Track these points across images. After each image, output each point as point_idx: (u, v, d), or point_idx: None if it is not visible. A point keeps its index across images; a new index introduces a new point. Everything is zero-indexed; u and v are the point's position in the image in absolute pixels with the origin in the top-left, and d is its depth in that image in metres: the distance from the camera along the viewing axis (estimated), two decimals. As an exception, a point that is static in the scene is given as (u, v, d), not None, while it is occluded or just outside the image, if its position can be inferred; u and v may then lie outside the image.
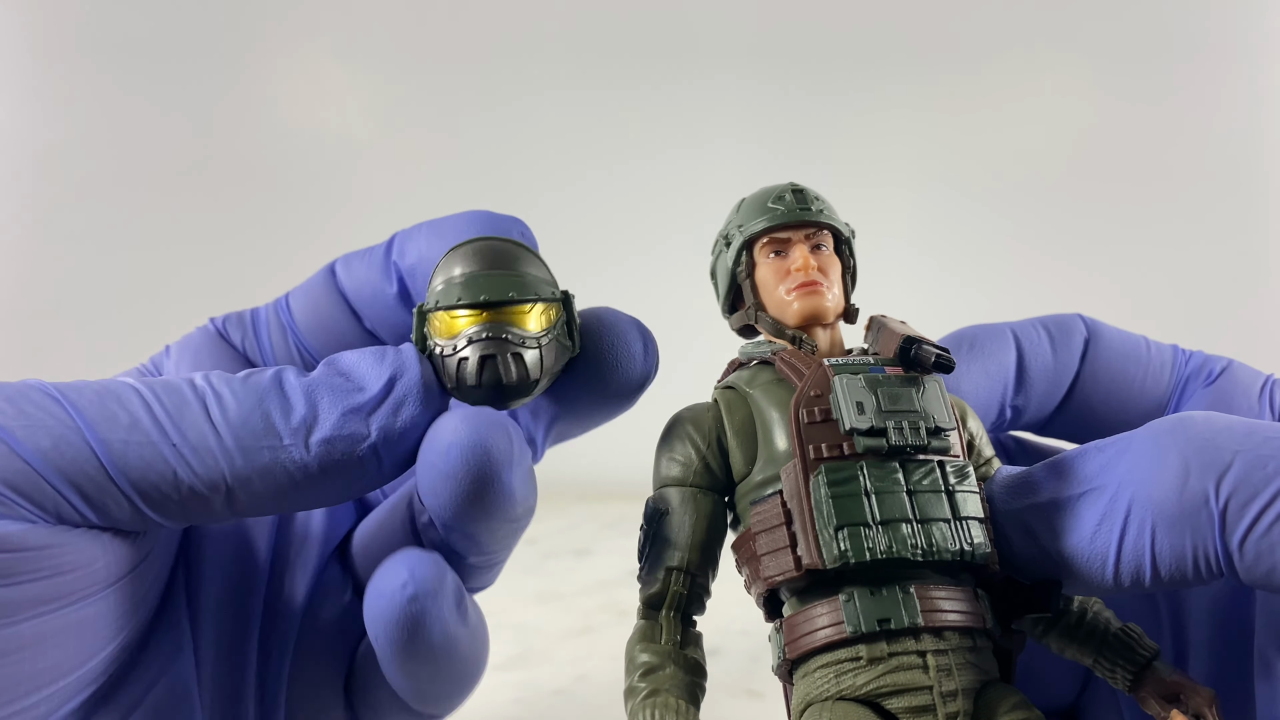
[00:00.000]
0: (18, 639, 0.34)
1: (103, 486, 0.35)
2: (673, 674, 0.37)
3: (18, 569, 0.33)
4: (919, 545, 0.35)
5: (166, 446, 0.35)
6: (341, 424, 0.37)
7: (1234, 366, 0.47)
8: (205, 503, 0.36)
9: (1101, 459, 0.36)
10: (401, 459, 0.39)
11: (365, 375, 0.39)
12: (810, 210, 0.43)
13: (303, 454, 0.37)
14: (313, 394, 0.38)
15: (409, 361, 0.39)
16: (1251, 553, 0.32)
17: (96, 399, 0.36)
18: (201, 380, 0.37)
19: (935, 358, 0.38)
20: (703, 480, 0.40)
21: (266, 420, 0.37)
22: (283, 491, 0.37)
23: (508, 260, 0.41)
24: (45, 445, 0.34)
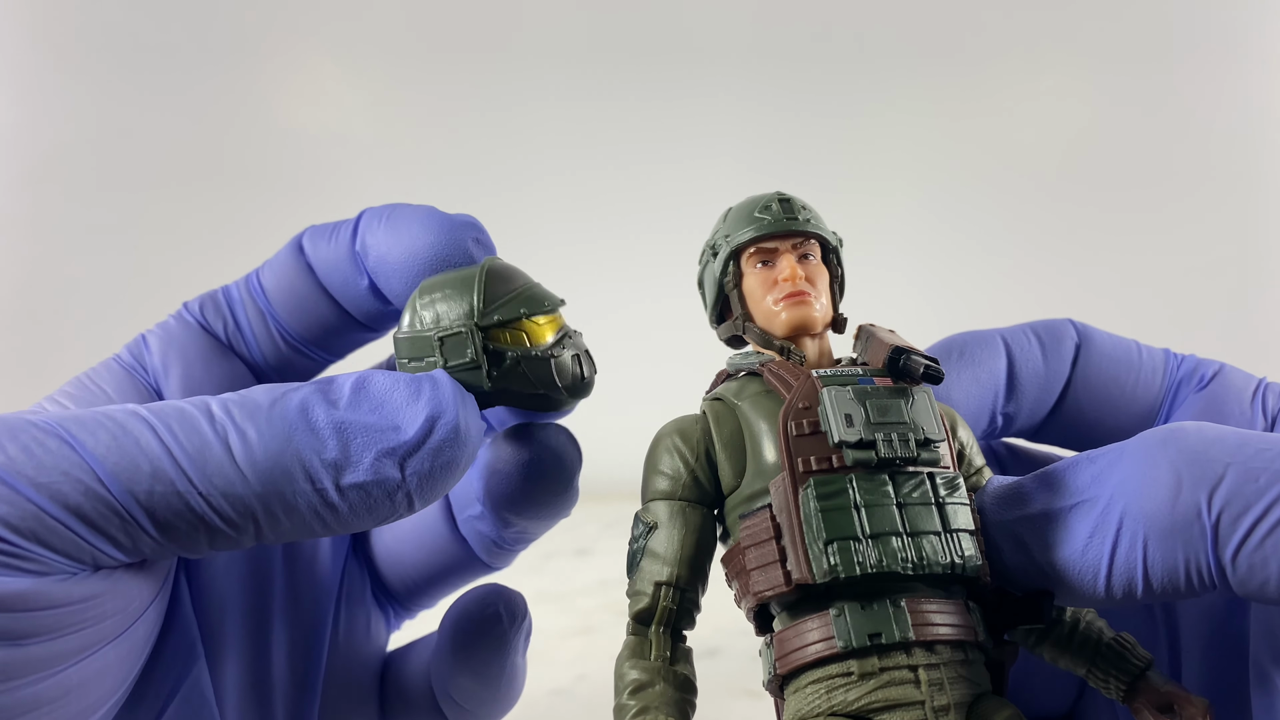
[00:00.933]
0: (64, 684, 0.34)
1: (133, 535, 0.34)
2: (662, 691, 0.37)
3: (64, 623, 0.33)
4: (909, 559, 0.35)
5: (194, 498, 0.34)
6: (375, 469, 0.36)
7: (1226, 370, 0.46)
8: (233, 541, 0.36)
9: (1093, 470, 0.36)
10: (433, 498, 0.38)
11: (400, 413, 0.37)
12: (797, 220, 0.43)
13: (335, 497, 0.36)
14: (344, 434, 0.36)
15: (447, 402, 0.37)
16: (1244, 566, 0.32)
17: (114, 445, 0.34)
18: (220, 412, 0.36)
19: (924, 368, 0.38)
20: (691, 494, 0.40)
21: (296, 460, 0.35)
22: (310, 529, 0.37)
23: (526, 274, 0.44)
24: (74, 501, 0.33)
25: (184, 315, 0.48)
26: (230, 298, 0.48)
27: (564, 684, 0.94)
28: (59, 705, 0.34)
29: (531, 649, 0.51)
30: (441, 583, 0.52)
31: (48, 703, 0.34)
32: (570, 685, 0.94)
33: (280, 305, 0.47)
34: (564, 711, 0.91)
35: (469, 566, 0.51)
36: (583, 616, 1.10)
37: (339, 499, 0.36)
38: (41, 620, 0.33)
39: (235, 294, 0.48)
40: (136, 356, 0.46)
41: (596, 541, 1.31)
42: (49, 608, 0.33)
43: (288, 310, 0.47)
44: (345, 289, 0.47)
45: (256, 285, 0.48)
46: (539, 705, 0.91)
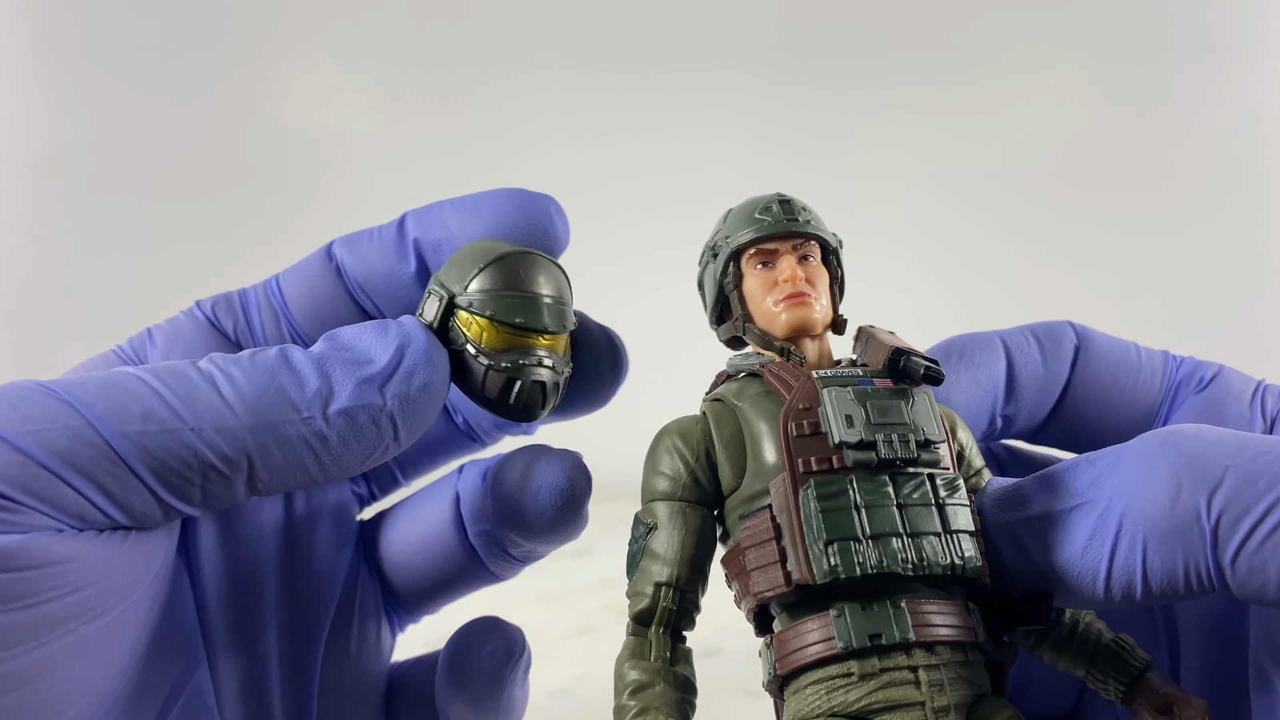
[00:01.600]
0: (49, 661, 0.33)
1: (124, 480, 0.34)
2: (662, 691, 0.37)
3: (45, 586, 0.33)
4: (909, 559, 0.35)
5: (185, 432, 0.35)
6: (357, 394, 0.38)
7: (1225, 372, 0.46)
8: (228, 483, 0.36)
9: (1093, 472, 0.36)
10: (416, 427, 0.40)
11: (371, 348, 0.39)
12: (797, 221, 0.43)
13: (322, 425, 0.37)
14: (324, 367, 0.38)
15: (414, 332, 0.40)
16: (1244, 568, 0.32)
17: (103, 393, 0.35)
18: (205, 364, 0.37)
19: (924, 369, 0.38)
20: (691, 494, 0.40)
21: (282, 395, 0.37)
22: (303, 464, 0.37)
23: (556, 283, 0.43)
24: (61, 446, 0.33)
25: (194, 312, 0.48)
26: (245, 299, 0.48)
27: (564, 684, 0.94)
28: (41, 685, 0.33)
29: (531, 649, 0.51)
30: (448, 590, 0.52)
31: (31, 680, 0.33)
32: (570, 685, 0.94)
33: (297, 308, 0.48)
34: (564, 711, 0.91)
35: (476, 575, 0.51)
36: (583, 616, 1.09)
37: (326, 427, 0.37)
38: (24, 582, 0.32)
39: (251, 296, 0.48)
40: (137, 349, 0.46)
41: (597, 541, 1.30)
42: (31, 567, 0.32)
43: (304, 313, 0.48)
44: (388, 281, 0.47)
45: (275, 288, 0.49)
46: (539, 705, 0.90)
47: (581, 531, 0.47)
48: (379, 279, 0.47)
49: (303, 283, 0.48)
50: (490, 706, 0.48)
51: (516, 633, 0.49)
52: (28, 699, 0.33)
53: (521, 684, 0.49)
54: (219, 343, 0.47)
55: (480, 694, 0.47)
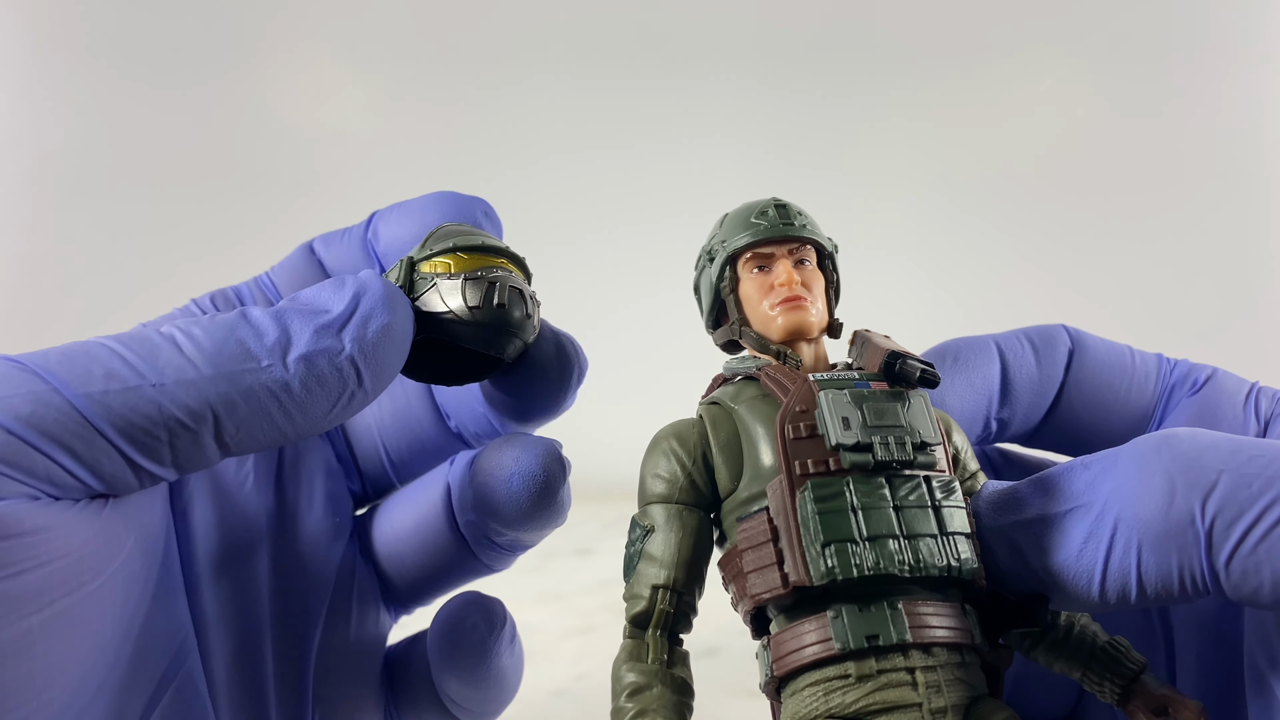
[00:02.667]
0: (28, 636, 0.33)
1: (90, 441, 0.34)
2: (660, 694, 0.37)
3: (19, 556, 0.33)
4: (906, 561, 0.35)
5: (147, 387, 0.35)
6: (315, 340, 0.38)
7: (1219, 375, 0.46)
8: (194, 438, 0.36)
9: (1087, 476, 0.36)
10: (380, 371, 0.40)
11: (328, 299, 0.40)
12: (793, 225, 0.43)
13: (283, 372, 0.37)
14: (282, 318, 0.38)
15: (369, 280, 0.40)
16: (1238, 571, 0.32)
17: (65, 359, 0.35)
18: (166, 327, 0.38)
19: (920, 373, 0.38)
20: (688, 497, 0.40)
21: (241, 346, 0.37)
22: (269, 415, 0.38)
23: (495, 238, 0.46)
24: (25, 411, 0.33)
25: (191, 308, 0.48)
26: (240, 295, 0.49)
27: (564, 684, 0.94)
28: (22, 661, 0.33)
29: (531, 649, 0.52)
30: (442, 582, 0.52)
31: (12, 655, 0.33)
32: (570, 685, 0.94)
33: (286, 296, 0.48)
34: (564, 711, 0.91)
35: (469, 567, 0.51)
36: (583, 616, 1.10)
37: (287, 374, 0.37)
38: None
39: (246, 292, 0.49)
40: None
41: (596, 541, 1.31)
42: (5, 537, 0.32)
43: None
44: None
45: (268, 283, 0.49)
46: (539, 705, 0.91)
47: (562, 519, 0.48)
48: None
49: (293, 277, 0.49)
50: (481, 678, 0.49)
51: (496, 604, 0.50)
52: (7, 675, 0.33)
53: (509, 653, 0.50)
54: None
55: (469, 667, 0.48)
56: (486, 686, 0.49)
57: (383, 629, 0.53)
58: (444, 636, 0.49)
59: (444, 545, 0.50)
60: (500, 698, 0.51)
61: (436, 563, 0.51)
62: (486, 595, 0.50)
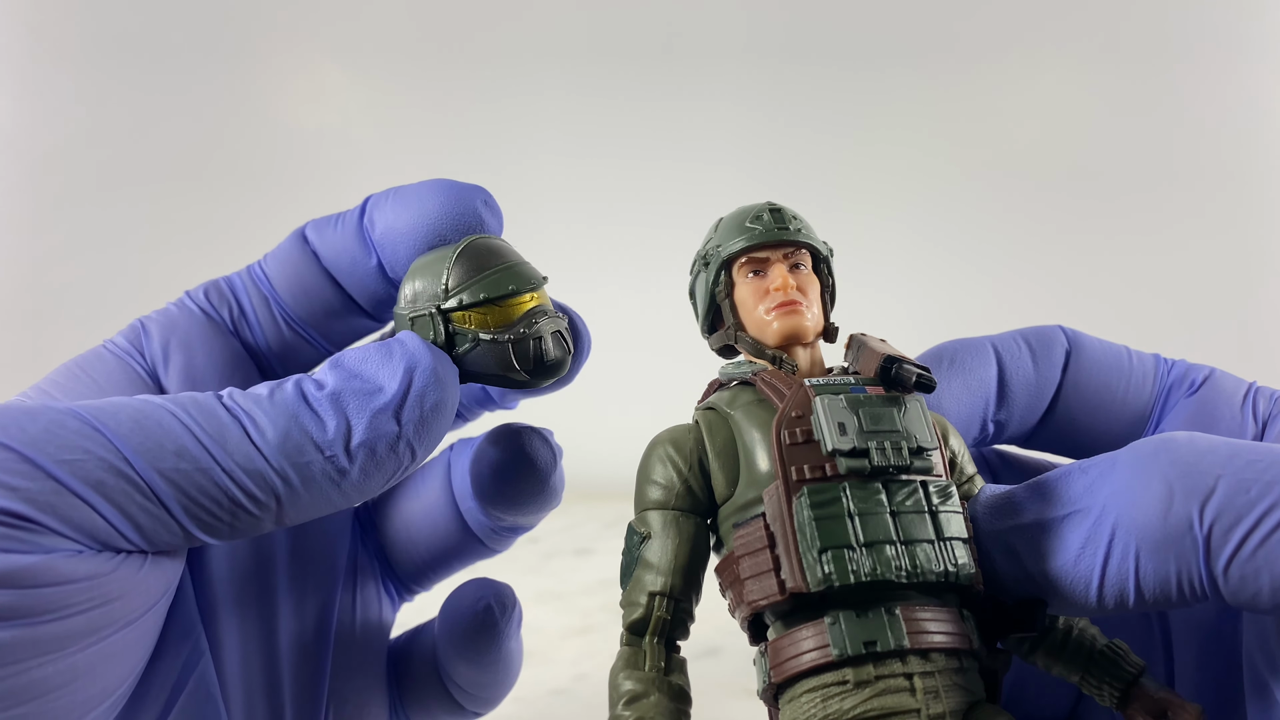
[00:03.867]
0: (72, 670, 0.34)
1: (155, 515, 0.35)
2: (657, 701, 0.37)
3: (70, 601, 0.34)
4: (903, 567, 0.35)
5: (218, 472, 0.36)
6: (373, 426, 0.38)
7: (1216, 375, 0.46)
8: (256, 521, 0.37)
9: (1085, 480, 0.36)
10: (431, 444, 0.41)
11: (379, 375, 0.40)
12: (788, 229, 0.43)
13: (345, 462, 0.38)
14: (339, 404, 0.39)
15: (419, 353, 0.40)
16: (1236, 577, 0.32)
17: (137, 427, 0.36)
18: (229, 400, 0.38)
19: (916, 377, 0.38)
20: (684, 503, 0.40)
21: (305, 435, 0.38)
22: (328, 499, 0.39)
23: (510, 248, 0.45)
24: (96, 478, 0.34)
25: (186, 302, 0.48)
26: (234, 285, 0.49)
27: (564, 684, 0.95)
28: (65, 692, 0.34)
29: (531, 649, 0.52)
30: (446, 565, 0.54)
31: (55, 689, 0.34)
32: (570, 685, 0.94)
33: (284, 290, 0.48)
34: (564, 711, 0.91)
35: (472, 550, 0.53)
36: (583, 616, 1.10)
37: (349, 463, 0.38)
38: (49, 598, 0.33)
39: (238, 281, 0.49)
40: (133, 342, 0.47)
41: (596, 541, 1.31)
42: (57, 584, 0.33)
43: (291, 294, 0.48)
44: (353, 270, 0.48)
45: (260, 273, 0.49)
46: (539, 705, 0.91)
47: (556, 502, 0.50)
48: (345, 267, 0.48)
49: (285, 266, 0.49)
50: (490, 661, 0.50)
51: (506, 589, 0.51)
52: (53, 705, 0.34)
53: (515, 636, 0.51)
54: (214, 332, 0.48)
55: (478, 650, 0.50)
56: (495, 670, 0.51)
57: (386, 618, 0.54)
58: (456, 619, 0.50)
59: (448, 530, 0.52)
60: (505, 682, 0.53)
61: (442, 546, 0.52)
62: (496, 580, 0.52)
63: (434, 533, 0.52)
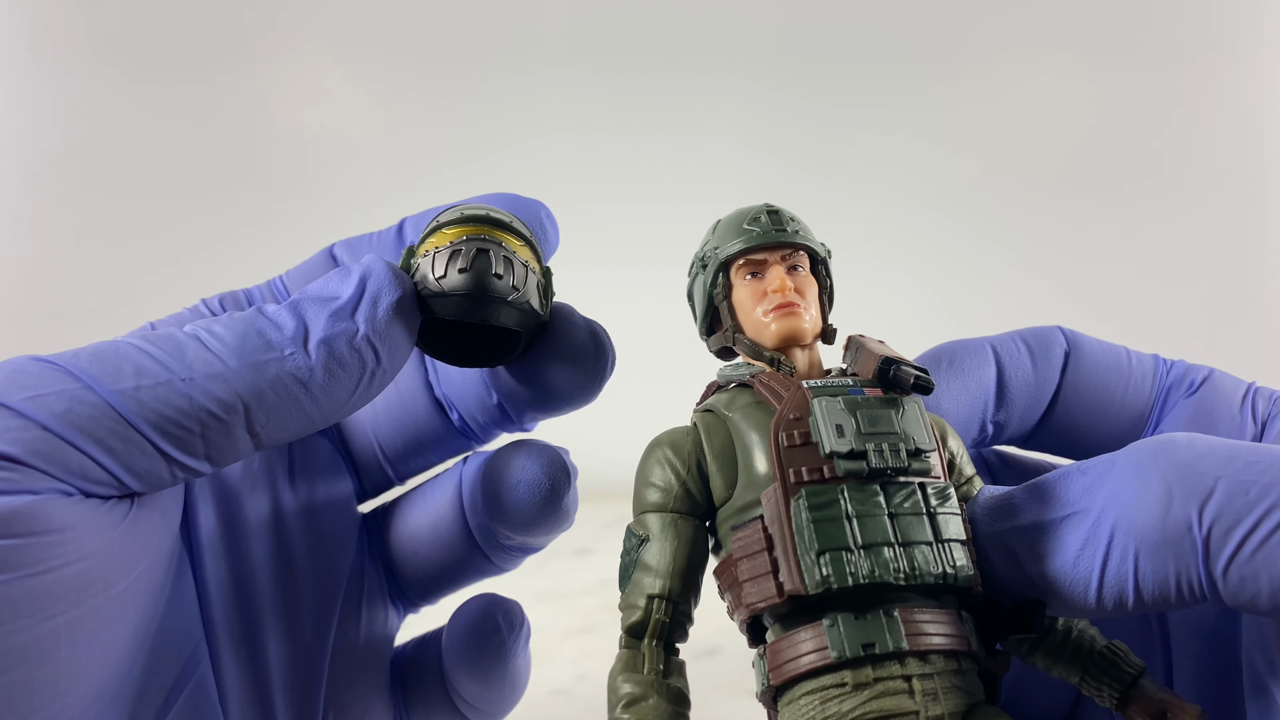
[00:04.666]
0: (55, 636, 0.34)
1: (125, 436, 0.35)
2: (656, 705, 0.37)
3: (50, 553, 0.33)
4: (901, 569, 0.35)
5: (177, 381, 0.37)
6: (331, 325, 0.40)
7: (1215, 376, 0.46)
8: (226, 429, 0.38)
9: (1084, 482, 0.36)
10: (395, 349, 0.42)
11: (336, 286, 0.41)
12: (785, 231, 0.43)
13: (305, 359, 0.39)
14: (297, 309, 0.40)
15: (372, 263, 0.42)
16: (1235, 579, 0.32)
17: (95, 358, 0.36)
18: (189, 327, 0.39)
19: (914, 379, 0.38)
20: (683, 506, 0.40)
21: (263, 338, 0.39)
22: (296, 402, 0.39)
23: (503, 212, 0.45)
24: (60, 408, 0.34)
25: (200, 308, 0.49)
26: (251, 296, 0.49)
27: (564, 684, 0.95)
28: (48, 661, 0.34)
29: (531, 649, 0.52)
30: (453, 580, 0.53)
31: (36, 656, 0.33)
32: (570, 685, 0.95)
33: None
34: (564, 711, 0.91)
35: (480, 567, 0.52)
36: (583, 616, 1.10)
37: (309, 359, 0.39)
38: (28, 549, 0.33)
39: (257, 295, 0.50)
40: None
41: (596, 541, 1.31)
42: (34, 533, 0.33)
43: None
44: None
45: (280, 286, 0.50)
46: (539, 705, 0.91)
47: (569, 524, 0.50)
48: None
49: (308, 279, 0.49)
50: (497, 677, 0.50)
51: (515, 606, 0.51)
52: (35, 674, 0.33)
53: (523, 654, 0.51)
54: None
55: (486, 667, 0.50)
56: (502, 686, 0.51)
57: (391, 629, 0.54)
58: (464, 637, 0.50)
59: (456, 546, 0.51)
60: (512, 697, 0.53)
61: (449, 562, 0.52)
62: (504, 597, 0.52)
63: (440, 547, 0.51)
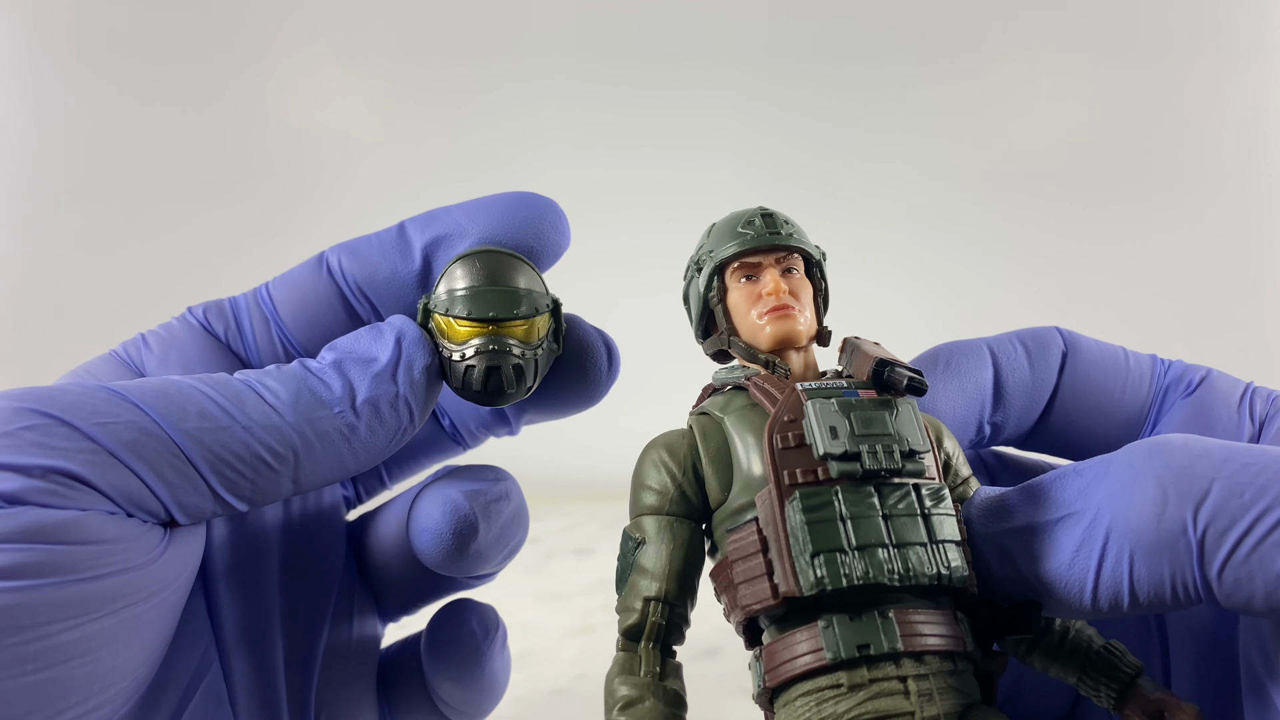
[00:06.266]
0: (96, 638, 0.35)
1: (184, 472, 0.37)
2: (652, 707, 0.37)
3: (97, 562, 0.35)
4: (895, 570, 0.35)
5: (238, 429, 0.39)
6: (374, 386, 0.42)
7: (1213, 376, 0.46)
8: (276, 477, 0.40)
9: (1079, 483, 0.36)
10: (426, 406, 0.44)
11: (372, 347, 0.44)
12: (780, 234, 0.43)
13: (353, 418, 0.42)
14: (341, 370, 0.43)
15: (405, 326, 0.44)
16: (1230, 580, 0.32)
17: (160, 396, 0.38)
18: (241, 375, 0.41)
19: (908, 380, 0.38)
20: (679, 508, 0.40)
21: (315, 396, 0.41)
22: (339, 455, 0.42)
23: (509, 275, 0.45)
24: (128, 438, 0.36)
25: (187, 318, 0.49)
26: (236, 306, 0.50)
27: (564, 684, 0.95)
28: (87, 660, 0.35)
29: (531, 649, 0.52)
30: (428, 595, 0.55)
31: (78, 656, 0.34)
32: (570, 685, 0.95)
33: (287, 315, 0.49)
34: (564, 711, 0.91)
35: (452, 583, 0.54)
36: (583, 616, 1.10)
37: (356, 418, 0.42)
38: (78, 556, 0.34)
39: (242, 303, 0.50)
40: (133, 355, 0.47)
41: (596, 541, 1.31)
42: (86, 542, 0.35)
43: (294, 320, 0.49)
44: (390, 282, 0.49)
45: (265, 296, 0.50)
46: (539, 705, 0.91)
47: (490, 566, 0.50)
48: (382, 280, 0.49)
49: (293, 290, 0.49)
50: (474, 680, 0.52)
51: (490, 610, 0.53)
52: (75, 673, 0.35)
53: (500, 656, 0.53)
54: (213, 347, 0.48)
55: (463, 671, 0.51)
56: (479, 689, 0.52)
57: (377, 632, 0.54)
58: (439, 642, 0.51)
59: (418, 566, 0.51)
60: (491, 699, 0.54)
61: (419, 579, 0.53)
62: (478, 601, 0.53)
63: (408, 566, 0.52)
